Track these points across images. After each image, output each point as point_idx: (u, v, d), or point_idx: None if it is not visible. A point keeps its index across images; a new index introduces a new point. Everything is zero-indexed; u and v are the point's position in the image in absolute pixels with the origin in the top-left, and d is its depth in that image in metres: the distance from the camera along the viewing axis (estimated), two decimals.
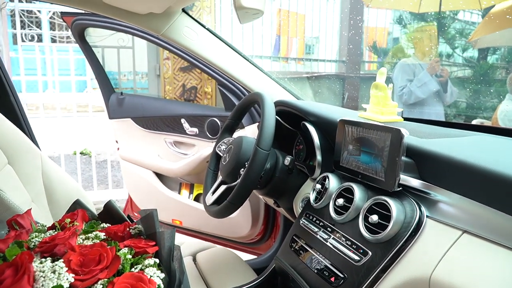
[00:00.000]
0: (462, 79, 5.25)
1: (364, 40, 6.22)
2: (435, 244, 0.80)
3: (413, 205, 0.86)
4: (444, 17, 5.07)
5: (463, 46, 5.23)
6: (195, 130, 2.04)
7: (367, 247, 0.88)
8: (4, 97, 1.35)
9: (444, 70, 3.42)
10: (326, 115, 1.19)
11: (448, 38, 5.17)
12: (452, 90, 3.40)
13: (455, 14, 5.34)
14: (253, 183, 1.13)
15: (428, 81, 3.36)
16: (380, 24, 6.26)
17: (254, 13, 1.03)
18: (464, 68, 5.64)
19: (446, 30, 5.10)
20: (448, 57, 5.50)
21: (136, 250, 0.66)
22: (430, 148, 0.88)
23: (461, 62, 5.60)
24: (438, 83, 3.36)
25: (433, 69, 3.37)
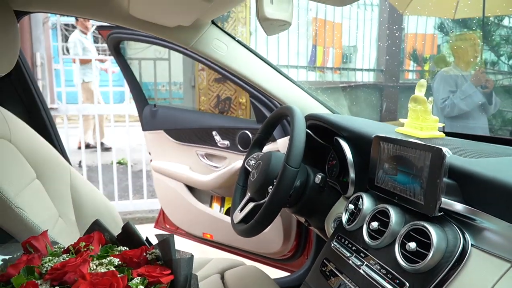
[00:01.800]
0: (508, 88, 4.97)
1: (404, 48, 6.03)
2: (481, 276, 0.71)
3: (456, 232, 0.78)
4: (488, 24, 4.83)
5: (509, 53, 4.96)
6: (227, 143, 2.01)
7: (404, 277, 0.80)
8: (36, 112, 1.36)
9: (489, 81, 3.23)
10: (360, 130, 1.12)
11: (493, 45, 4.91)
12: (496, 101, 3.20)
13: (500, 20, 5.08)
14: (281, 202, 1.07)
15: (473, 93, 3.19)
16: (420, 31, 6.05)
17: (281, 24, 0.98)
18: (511, 76, 5.34)
19: (490, 37, 4.86)
20: (492, 65, 5.24)
21: (149, 280, 0.61)
22: (475, 169, 0.79)
23: (506, 70, 5.31)
24: (483, 94, 3.18)
25: (478, 80, 3.19)
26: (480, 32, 4.49)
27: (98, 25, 2.33)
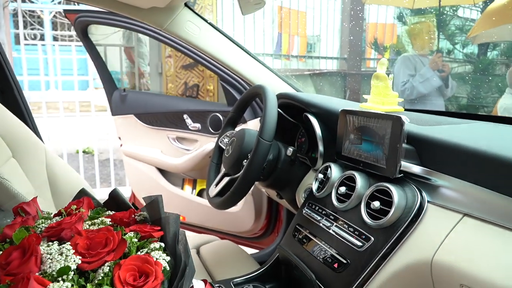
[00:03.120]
0: (462, 74, 5.24)
1: (365, 37, 6.21)
2: (436, 228, 0.80)
3: (414, 191, 0.87)
4: (443, 13, 5.06)
5: (463, 42, 5.23)
6: (198, 126, 2.05)
7: (369, 233, 0.89)
8: (9, 93, 1.36)
9: (445, 65, 3.42)
10: (328, 106, 1.20)
11: (448, 34, 5.16)
12: (452, 84, 3.40)
13: (455, 10, 5.34)
14: (256, 173, 1.14)
15: (431, 76, 3.36)
16: (381, 20, 6.25)
17: (256, 3, 1.04)
18: (465, 64, 5.64)
19: (446, 26, 5.10)
20: (448, 53, 5.50)
21: (141, 235, 0.67)
22: (430, 135, 0.89)
23: (461, 58, 5.60)
24: (440, 78, 3.36)
25: (435, 65, 3.37)
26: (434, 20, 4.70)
27: (65, 9, 2.29)
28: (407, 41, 5.23)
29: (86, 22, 2.11)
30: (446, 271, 0.75)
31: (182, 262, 0.64)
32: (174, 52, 3.91)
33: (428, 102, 3.40)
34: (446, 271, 0.75)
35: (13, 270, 0.54)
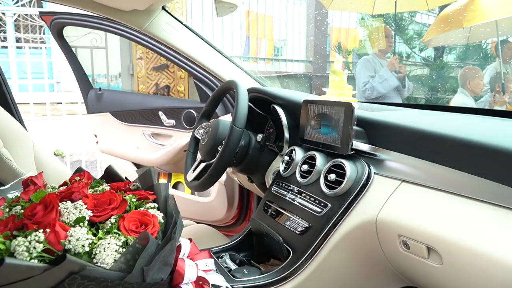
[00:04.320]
0: (420, 76, 5.59)
1: (330, 41, 6.49)
2: (380, 193, 0.98)
3: (363, 164, 1.05)
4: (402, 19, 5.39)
5: (420, 46, 5.58)
6: (172, 122, 2.18)
7: (327, 200, 1.06)
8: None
9: (402, 67, 3.69)
10: (292, 98, 1.37)
11: (407, 39, 5.49)
12: (409, 85, 3.67)
13: (413, 16, 5.68)
14: (230, 157, 1.29)
15: (389, 77, 3.62)
16: (344, 25, 6.55)
17: (229, 6, 1.19)
18: (423, 66, 6.00)
19: (404, 31, 5.43)
20: (408, 57, 5.85)
21: (138, 197, 0.80)
22: (376, 118, 1.07)
23: (420, 61, 5.96)
24: (397, 79, 3.62)
25: (392, 66, 3.63)
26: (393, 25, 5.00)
27: (41, 11, 2.37)
28: (368, 45, 5.53)
29: (62, 23, 2.20)
30: (387, 226, 0.93)
31: (173, 218, 0.78)
32: (145, 54, 4.01)
33: (387, 101, 3.65)
34: (387, 226, 0.93)
35: (38, 219, 0.67)
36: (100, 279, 0.62)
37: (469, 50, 5.55)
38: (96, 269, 0.62)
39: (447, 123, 1.03)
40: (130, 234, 0.70)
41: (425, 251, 0.85)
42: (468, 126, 0.98)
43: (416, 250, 0.87)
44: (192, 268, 0.79)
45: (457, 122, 1.06)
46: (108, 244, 0.67)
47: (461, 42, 4.80)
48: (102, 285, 0.62)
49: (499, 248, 0.72)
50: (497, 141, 0.79)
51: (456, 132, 0.87)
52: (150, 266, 0.67)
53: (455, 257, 0.79)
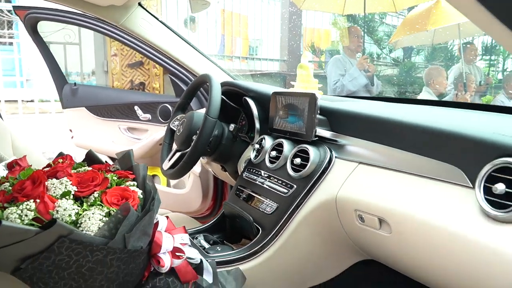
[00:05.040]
0: (390, 75, 5.80)
1: (303, 41, 6.64)
2: (340, 174, 1.09)
3: (325, 149, 1.15)
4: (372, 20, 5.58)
5: (390, 47, 5.80)
6: (148, 116, 2.24)
7: (293, 182, 1.16)
8: None
9: (370, 66, 3.85)
10: (262, 90, 1.46)
11: (376, 39, 5.69)
12: (377, 83, 3.83)
13: (382, 17, 5.89)
14: (204, 145, 1.37)
15: (358, 76, 3.77)
16: (317, 25, 6.71)
17: (203, 3, 1.27)
18: (392, 66, 6.22)
19: (374, 32, 5.63)
20: (378, 57, 6.06)
21: (119, 176, 0.88)
22: (337, 107, 1.17)
23: (389, 61, 6.18)
24: (366, 77, 3.78)
25: (361, 65, 3.79)
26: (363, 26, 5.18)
27: (14, 5, 2.38)
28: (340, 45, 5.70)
29: (36, 18, 2.22)
30: (345, 202, 1.03)
31: (151, 195, 0.86)
32: (120, 51, 4.03)
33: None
34: (345, 202, 1.03)
35: (27, 193, 0.73)
36: (86, 243, 0.69)
37: (435, 51, 5.80)
38: (83, 234, 0.70)
39: (398, 111, 1.14)
40: (112, 206, 0.78)
41: (377, 222, 0.95)
42: (415, 114, 1.09)
43: (370, 222, 0.97)
44: (169, 239, 0.87)
45: (407, 110, 1.18)
46: (92, 214, 0.74)
47: (426, 44, 5.02)
48: (88, 249, 0.70)
49: (438, 216, 0.83)
50: (437, 125, 0.91)
51: (403, 118, 0.99)
52: (131, 234, 0.75)
53: (402, 226, 0.90)
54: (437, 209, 0.84)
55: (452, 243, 0.80)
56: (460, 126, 0.87)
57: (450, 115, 1.10)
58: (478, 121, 0.99)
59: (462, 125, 0.88)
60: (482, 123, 0.93)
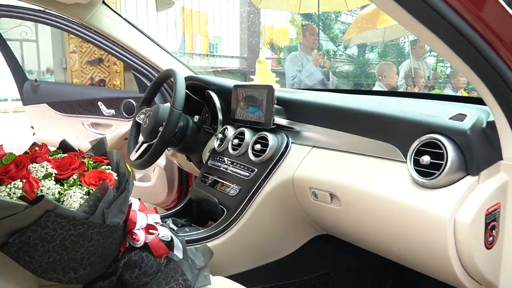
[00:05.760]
0: (345, 72, 6.05)
1: (262, 38, 6.78)
2: (296, 157, 1.21)
3: (283, 136, 1.27)
4: (328, 18, 5.80)
5: (345, 44, 6.05)
6: (112, 112, 2.28)
7: (254, 166, 1.27)
8: None
9: (326, 62, 4.04)
10: (224, 84, 1.57)
11: (332, 37, 5.92)
12: (332, 78, 4.03)
13: (337, 15, 6.12)
14: (170, 136, 1.46)
15: (314, 71, 3.95)
16: (276, 23, 6.87)
17: (168, 3, 1.36)
18: (348, 63, 6.49)
19: (330, 29, 5.85)
20: (334, 54, 6.30)
21: (94, 160, 0.96)
22: (292, 97, 1.30)
23: (345, 58, 6.44)
24: (322, 73, 3.96)
25: (317, 61, 3.96)
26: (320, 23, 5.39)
27: None
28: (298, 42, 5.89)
29: None
30: (301, 182, 1.16)
31: (125, 175, 0.95)
32: (79, 48, 4.00)
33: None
34: (301, 182, 1.16)
35: (12, 175, 0.80)
36: (69, 217, 0.77)
37: (387, 48, 6.10)
38: (67, 208, 0.78)
39: (345, 100, 1.28)
40: (91, 186, 0.86)
41: (328, 197, 1.08)
42: (359, 102, 1.23)
43: (322, 198, 1.10)
44: (142, 217, 0.96)
45: (353, 99, 1.32)
46: (73, 193, 0.82)
47: (378, 41, 5.28)
48: (71, 223, 0.78)
49: (378, 187, 0.97)
50: (376, 110, 1.05)
51: (349, 105, 1.12)
52: (109, 210, 0.83)
53: (349, 198, 1.03)
54: (377, 181, 0.98)
55: (390, 208, 0.94)
56: (395, 110, 1.01)
57: (389, 102, 1.24)
58: (411, 106, 1.14)
59: (397, 109, 1.02)
60: (414, 107, 1.08)
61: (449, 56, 0.76)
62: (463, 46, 0.73)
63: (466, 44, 0.72)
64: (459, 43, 0.72)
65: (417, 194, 0.89)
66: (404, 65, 5.16)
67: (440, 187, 0.87)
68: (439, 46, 0.74)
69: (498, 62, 0.75)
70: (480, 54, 0.73)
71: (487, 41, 0.73)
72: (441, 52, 0.77)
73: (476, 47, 0.72)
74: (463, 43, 0.72)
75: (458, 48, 0.74)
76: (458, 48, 0.74)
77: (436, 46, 0.75)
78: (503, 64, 0.76)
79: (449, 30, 0.70)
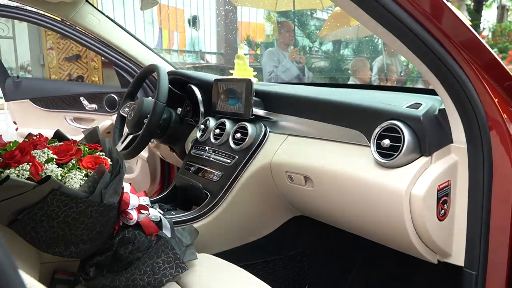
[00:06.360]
0: (321, 67, 6.21)
1: (239, 34, 6.87)
2: (273, 145, 1.33)
3: (261, 126, 1.39)
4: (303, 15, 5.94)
5: (320, 40, 6.21)
6: (94, 106, 2.35)
7: (235, 154, 1.38)
8: None
9: (301, 57, 4.18)
10: (205, 78, 1.67)
11: (308, 33, 6.07)
12: (308, 73, 4.17)
13: (313, 12, 6.27)
14: (155, 127, 1.55)
15: (290, 67, 4.08)
16: (252, 19, 6.97)
17: (152, 2, 1.45)
18: (323, 59, 6.65)
19: (305, 26, 6.00)
20: (310, 50, 6.45)
21: (89, 148, 1.05)
22: (269, 90, 1.41)
23: (321, 54, 6.60)
24: (298, 68, 4.09)
25: (293, 57, 4.09)
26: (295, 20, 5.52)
27: None
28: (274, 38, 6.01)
29: None
30: (278, 167, 1.27)
31: (118, 161, 1.04)
32: (56, 44, 4.01)
33: None
34: (278, 167, 1.27)
35: (18, 159, 0.89)
36: (72, 196, 0.86)
37: (362, 44, 6.29)
38: (70, 188, 0.87)
39: (317, 92, 1.40)
40: (89, 169, 0.95)
41: (302, 180, 1.21)
42: (329, 93, 1.35)
43: (297, 180, 1.22)
44: (135, 198, 1.06)
45: (324, 91, 1.44)
46: (74, 175, 0.92)
47: (352, 37, 5.45)
48: (73, 201, 0.87)
49: (346, 168, 1.10)
50: (344, 100, 1.17)
51: (319, 96, 1.25)
52: (106, 190, 0.93)
53: (321, 179, 1.16)
54: (345, 163, 1.11)
55: (357, 187, 1.07)
56: (360, 100, 1.14)
57: (356, 93, 1.37)
58: (375, 97, 1.26)
59: (362, 99, 1.15)
60: (377, 98, 1.21)
61: (403, 50, 0.89)
62: (415, 41, 0.85)
63: (417, 40, 0.85)
64: (412, 40, 0.85)
65: (379, 173, 1.02)
66: (377, 61, 5.35)
67: (398, 167, 1.00)
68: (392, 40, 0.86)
69: (446, 56, 0.88)
70: (429, 49, 0.86)
71: (435, 37, 0.85)
72: (395, 45, 0.90)
73: (425, 42, 0.85)
74: (415, 40, 0.85)
75: (409, 43, 0.86)
76: (410, 43, 0.86)
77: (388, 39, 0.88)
78: (450, 58, 0.89)
79: (400, 27, 0.82)
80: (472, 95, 0.91)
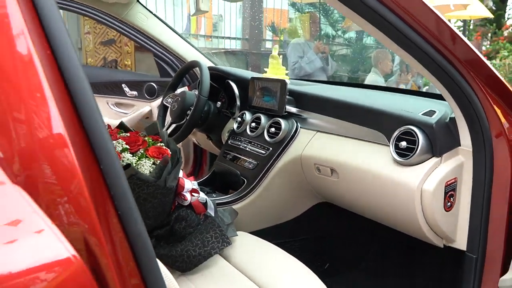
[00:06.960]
0: (344, 56, 6.30)
1: (264, 21, 6.98)
2: (303, 139, 1.51)
3: (293, 121, 1.57)
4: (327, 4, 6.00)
5: (343, 29, 6.28)
6: (135, 93, 2.55)
7: (269, 146, 1.57)
8: None
9: (326, 48, 4.29)
10: (243, 75, 1.85)
11: (332, 22, 6.15)
12: (332, 64, 4.29)
13: None
14: (197, 119, 1.75)
15: (315, 59, 4.20)
16: (277, 6, 7.06)
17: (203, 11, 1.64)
18: (347, 47, 6.73)
19: (330, 15, 6.08)
20: (333, 38, 6.53)
21: (152, 139, 1.25)
22: (301, 90, 1.59)
23: (343, 42, 6.68)
24: (322, 60, 4.22)
25: (317, 49, 4.22)
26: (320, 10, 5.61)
27: None
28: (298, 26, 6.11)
29: None
30: (307, 159, 1.46)
31: (177, 152, 1.24)
32: (93, 29, 4.23)
33: (313, 79, 4.24)
34: (307, 159, 1.46)
35: None
36: (145, 180, 1.07)
37: None
38: (143, 174, 1.08)
39: (345, 94, 1.57)
40: (156, 158, 1.16)
41: (329, 171, 1.39)
42: (357, 96, 1.53)
43: (324, 172, 1.41)
44: (188, 182, 1.27)
45: (352, 92, 1.61)
46: (144, 163, 1.12)
47: None
48: (145, 184, 1.08)
49: (367, 164, 1.28)
50: (369, 104, 1.34)
51: (347, 98, 1.42)
52: (169, 176, 1.13)
53: (345, 172, 1.34)
54: (367, 160, 1.29)
55: (376, 181, 1.25)
56: (383, 105, 1.31)
57: (378, 97, 1.54)
58: (396, 102, 1.43)
59: (384, 104, 1.32)
60: (398, 104, 1.37)
61: (425, 73, 1.05)
62: (432, 64, 1.01)
63: (433, 63, 1.01)
64: (418, 53, 1.00)
65: (396, 170, 1.20)
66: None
67: (412, 165, 1.18)
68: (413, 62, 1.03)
69: (456, 75, 1.04)
70: (443, 70, 1.02)
71: (442, 53, 1.00)
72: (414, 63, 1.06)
73: (439, 64, 1.01)
74: (431, 63, 1.01)
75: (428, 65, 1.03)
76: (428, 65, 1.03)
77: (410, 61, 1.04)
78: (459, 76, 1.05)
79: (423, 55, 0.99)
80: (477, 107, 1.07)
